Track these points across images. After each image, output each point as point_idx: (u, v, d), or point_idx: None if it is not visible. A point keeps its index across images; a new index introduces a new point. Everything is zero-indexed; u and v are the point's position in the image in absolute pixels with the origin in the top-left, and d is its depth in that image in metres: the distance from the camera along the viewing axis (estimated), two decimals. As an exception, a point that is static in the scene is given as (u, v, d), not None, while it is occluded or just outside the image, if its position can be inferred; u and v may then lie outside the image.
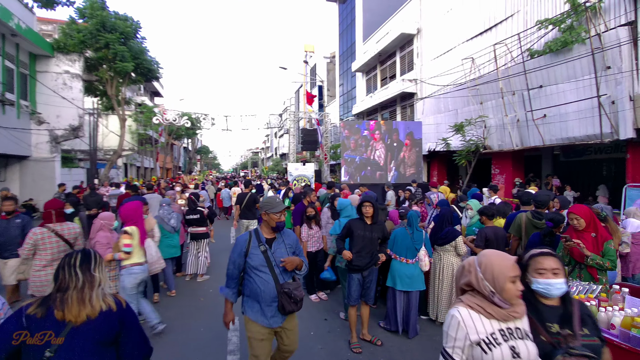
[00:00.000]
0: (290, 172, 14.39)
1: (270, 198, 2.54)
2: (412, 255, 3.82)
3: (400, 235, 3.95)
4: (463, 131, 10.92)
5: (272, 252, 2.45)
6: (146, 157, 31.09)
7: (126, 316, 1.68)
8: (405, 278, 3.76)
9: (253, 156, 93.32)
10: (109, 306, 1.63)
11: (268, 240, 2.49)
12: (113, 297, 1.69)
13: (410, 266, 3.80)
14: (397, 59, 18.85)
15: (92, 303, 1.58)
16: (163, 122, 17.60)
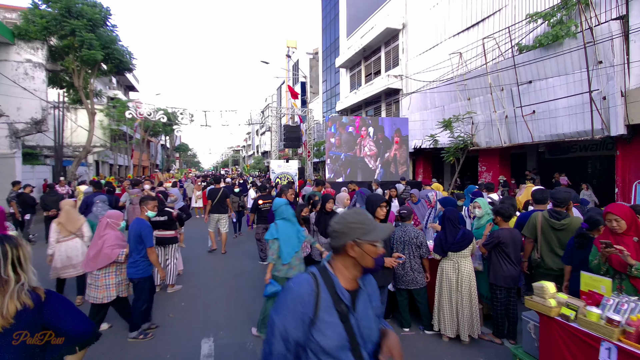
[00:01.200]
0: (272, 170, 13.76)
1: (358, 215, 1.32)
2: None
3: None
4: (451, 127, 10.63)
5: (358, 320, 1.27)
6: (120, 155, 29.58)
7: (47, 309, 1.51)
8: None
9: (234, 154, 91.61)
10: (25, 304, 1.45)
11: (350, 294, 1.30)
12: (30, 292, 1.49)
13: None
14: (382, 55, 18.50)
15: (3, 313, 1.40)
16: (137, 116, 16.56)
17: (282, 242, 3.61)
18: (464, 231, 3.26)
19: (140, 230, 3.73)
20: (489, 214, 3.63)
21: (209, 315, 4.36)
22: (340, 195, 4.60)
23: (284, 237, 3.62)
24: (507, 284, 3.22)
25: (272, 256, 3.63)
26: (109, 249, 3.65)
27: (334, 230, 1.29)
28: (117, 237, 3.78)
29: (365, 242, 1.24)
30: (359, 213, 1.32)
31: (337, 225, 1.29)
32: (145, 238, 3.70)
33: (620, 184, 8.35)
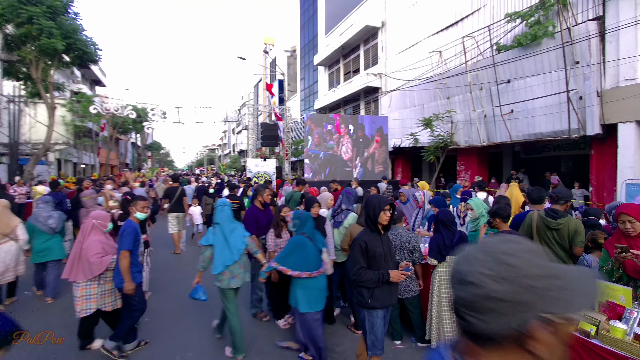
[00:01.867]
0: (249, 169, 13.24)
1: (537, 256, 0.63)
2: (320, 263, 3.15)
3: (300, 246, 3.13)
4: (432, 126, 10.55)
5: None
6: (85, 153, 27.90)
7: None
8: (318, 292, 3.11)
9: (209, 153, 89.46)
10: None
11: None
12: None
13: (319, 277, 3.13)
14: (361, 53, 18.34)
15: None
16: (103, 112, 15.49)
17: (216, 250, 3.27)
18: (460, 233, 3.01)
19: (122, 230, 3.30)
20: (484, 216, 3.41)
21: (175, 334, 3.89)
22: (322, 195, 4.25)
23: (219, 245, 3.27)
24: None
25: (202, 263, 3.34)
26: (97, 258, 3.31)
27: (490, 295, 0.59)
28: (102, 242, 3.42)
29: (563, 318, 0.60)
30: (534, 252, 0.63)
31: (499, 283, 0.59)
32: (120, 239, 3.26)
33: (594, 182, 8.51)
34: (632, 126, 7.38)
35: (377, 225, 2.48)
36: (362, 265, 2.44)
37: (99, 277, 3.40)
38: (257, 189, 4.42)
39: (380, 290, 2.47)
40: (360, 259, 2.44)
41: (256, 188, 4.46)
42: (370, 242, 2.46)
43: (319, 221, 3.70)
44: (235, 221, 3.47)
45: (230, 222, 3.39)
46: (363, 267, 2.44)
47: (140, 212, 3.56)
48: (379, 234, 2.53)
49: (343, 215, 3.78)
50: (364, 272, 2.43)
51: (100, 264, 3.31)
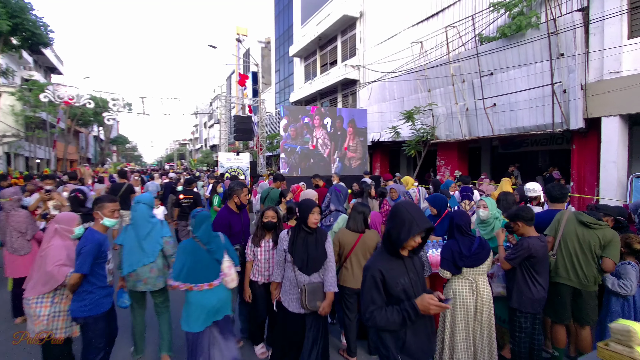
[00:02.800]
0: (221, 164, 12.35)
1: None
2: (216, 274, 2.69)
3: (191, 253, 2.68)
4: (413, 119, 10.17)
5: None
6: (40, 146, 25.65)
7: None
8: (211, 309, 2.64)
9: (180, 148, 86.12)
10: None
11: None
12: None
13: (214, 290, 2.66)
14: (339, 44, 17.76)
15: None
16: (55, 100, 13.99)
17: (125, 250, 3.02)
18: (480, 240, 2.50)
19: (80, 246, 2.55)
20: (498, 219, 2.93)
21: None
22: (306, 193, 3.62)
23: (127, 245, 3.02)
24: (534, 310, 2.53)
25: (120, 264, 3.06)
26: (55, 268, 2.63)
27: None
28: (68, 248, 2.75)
29: None
30: None
31: None
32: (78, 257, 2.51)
33: (575, 177, 8.43)
34: (616, 120, 7.28)
35: (400, 250, 1.73)
36: (379, 305, 1.69)
37: (54, 292, 2.68)
38: (232, 187, 3.48)
39: (413, 334, 1.71)
40: (376, 297, 1.69)
41: (230, 186, 3.54)
42: (390, 271, 1.70)
43: (318, 237, 2.69)
44: (154, 221, 3.14)
45: (146, 222, 3.08)
46: (379, 307, 1.69)
47: (109, 218, 2.76)
48: (400, 258, 1.76)
49: (332, 218, 3.21)
50: (380, 312, 1.67)
51: (54, 276, 2.60)
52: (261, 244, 3.14)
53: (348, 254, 2.90)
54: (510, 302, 2.61)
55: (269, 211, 3.13)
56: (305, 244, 2.63)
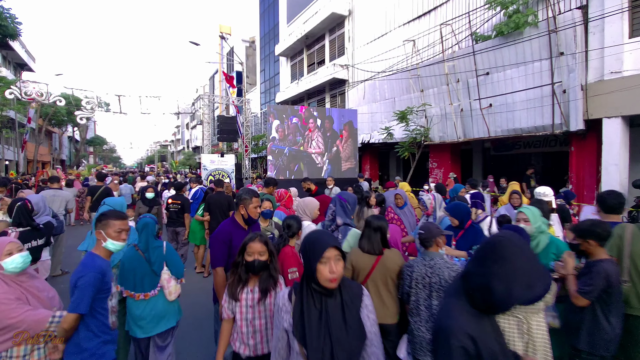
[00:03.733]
0: (204, 166, 11.61)
1: None
2: (152, 284, 2.64)
3: (130, 260, 2.65)
4: (407, 120, 9.77)
5: None
6: (8, 147, 24.04)
7: None
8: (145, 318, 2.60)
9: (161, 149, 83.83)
10: None
11: None
12: None
13: (152, 301, 2.62)
14: (327, 43, 17.29)
15: None
16: (22, 97, 12.91)
17: None
18: None
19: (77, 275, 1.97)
20: (545, 232, 2.42)
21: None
22: (306, 201, 3.05)
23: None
24: (608, 352, 2.04)
25: None
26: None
27: None
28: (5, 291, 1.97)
29: None
30: None
31: None
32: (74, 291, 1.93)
33: (574, 180, 8.20)
34: (618, 121, 7.05)
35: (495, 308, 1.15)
36: None
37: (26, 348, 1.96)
38: (240, 195, 2.61)
39: None
40: None
41: (238, 194, 2.67)
42: (482, 337, 1.11)
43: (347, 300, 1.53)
44: None
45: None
46: None
47: (114, 240, 2.13)
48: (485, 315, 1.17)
49: (340, 235, 2.66)
50: None
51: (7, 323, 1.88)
52: (242, 295, 2.02)
53: (364, 281, 2.35)
54: (577, 342, 2.10)
55: (255, 243, 2.00)
56: (324, 317, 1.47)
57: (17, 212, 3.52)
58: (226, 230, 2.49)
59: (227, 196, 5.01)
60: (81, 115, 14.81)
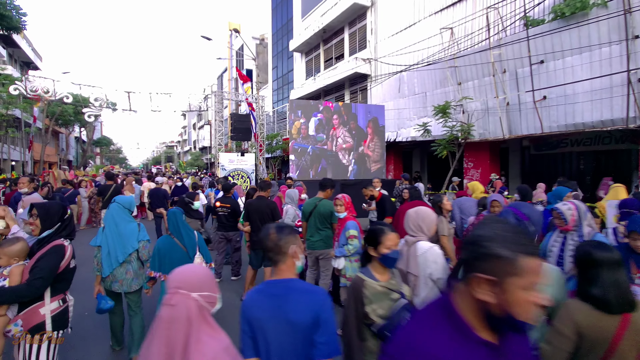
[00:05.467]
0: (222, 166, 10.71)
1: None
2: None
3: (167, 247, 3.02)
4: (448, 114, 8.80)
5: None
6: (14, 147, 23.42)
7: None
8: None
9: (167, 150, 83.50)
10: None
11: None
12: None
13: None
14: (346, 36, 16.38)
15: None
16: (27, 93, 12.17)
17: (103, 251, 3.07)
18: None
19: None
20: None
21: None
22: (421, 214, 2.07)
23: (106, 246, 3.07)
24: None
25: (96, 266, 3.12)
26: None
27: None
28: None
29: None
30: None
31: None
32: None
33: (646, 182, 7.20)
34: None
35: None
36: None
37: None
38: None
39: None
40: None
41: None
42: None
43: None
44: (132, 221, 3.21)
45: (123, 222, 3.13)
46: None
47: None
48: None
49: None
50: None
51: None
52: None
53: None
54: None
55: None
56: None
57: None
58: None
59: (270, 202, 4.10)
60: (89, 112, 14.08)
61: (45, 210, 2.24)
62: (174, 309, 1.11)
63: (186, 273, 1.22)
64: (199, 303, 1.14)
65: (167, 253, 2.93)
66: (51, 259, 2.14)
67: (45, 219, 2.22)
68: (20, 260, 2.18)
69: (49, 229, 2.21)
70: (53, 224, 2.22)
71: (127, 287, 3.09)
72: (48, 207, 2.26)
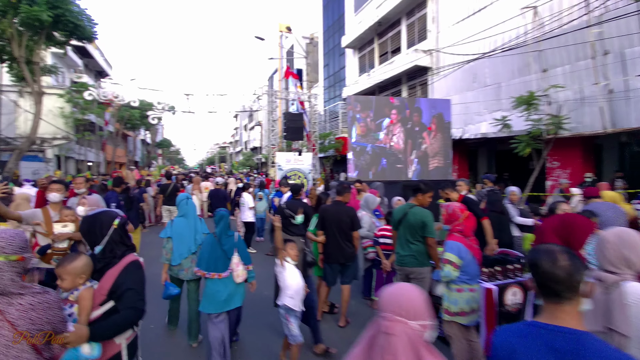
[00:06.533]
0: (279, 166, 10.45)
1: None
2: (224, 267, 3.08)
3: (208, 245, 3.17)
4: (535, 106, 7.60)
5: None
6: (90, 149, 25.66)
7: None
8: (218, 297, 3.01)
9: (220, 151, 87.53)
10: None
11: None
12: None
13: (224, 281, 3.05)
14: (403, 28, 15.41)
15: None
16: (99, 98, 13.03)
17: (174, 241, 3.45)
18: None
19: None
20: None
21: None
22: (629, 239, 1.43)
23: (178, 236, 3.47)
24: None
25: (166, 256, 3.47)
26: None
27: None
28: None
29: None
30: None
31: None
32: None
33: None
34: None
35: None
36: None
37: None
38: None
39: None
40: None
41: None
42: None
43: None
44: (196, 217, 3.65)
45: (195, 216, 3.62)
46: None
47: None
48: None
49: None
50: None
51: None
52: None
53: None
54: None
55: None
56: None
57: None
58: None
59: (349, 209, 3.51)
60: (153, 115, 14.78)
61: (88, 224, 1.88)
62: (395, 338, 1.10)
63: (403, 299, 1.16)
64: (418, 331, 1.12)
65: (208, 252, 3.13)
66: (137, 276, 1.84)
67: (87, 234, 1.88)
68: (86, 278, 1.81)
69: (98, 244, 1.85)
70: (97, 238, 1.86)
71: (191, 275, 3.46)
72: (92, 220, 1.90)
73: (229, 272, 3.05)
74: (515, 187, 5.33)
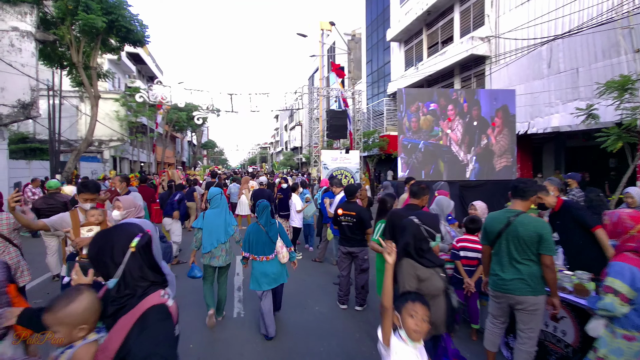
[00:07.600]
0: (325, 164, 9.96)
1: None
2: (270, 250, 3.60)
3: (254, 233, 3.65)
4: (631, 91, 6.36)
5: None
6: (142, 150, 27.06)
7: None
8: (266, 276, 3.57)
9: (262, 151, 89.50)
10: None
11: None
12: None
13: (271, 262, 3.60)
14: (456, 15, 14.24)
15: None
16: (149, 99, 13.42)
17: (205, 232, 3.75)
18: None
19: None
20: None
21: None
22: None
23: (208, 227, 3.76)
24: None
25: (195, 243, 3.83)
26: None
27: None
28: None
29: None
30: None
31: None
32: None
33: None
34: None
35: None
36: None
37: None
38: None
39: None
40: None
41: None
42: None
43: None
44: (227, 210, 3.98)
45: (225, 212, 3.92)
46: None
47: None
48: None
49: None
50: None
51: None
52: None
53: None
54: None
55: None
56: None
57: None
58: None
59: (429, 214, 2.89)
60: (198, 115, 15.00)
61: (98, 247, 1.27)
62: None
63: None
64: None
65: (255, 237, 3.59)
66: (161, 331, 1.18)
67: (96, 261, 1.27)
68: (89, 329, 1.22)
69: (111, 276, 1.23)
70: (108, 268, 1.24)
71: (222, 262, 3.82)
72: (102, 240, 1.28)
73: (274, 254, 3.58)
74: (633, 187, 4.31)
